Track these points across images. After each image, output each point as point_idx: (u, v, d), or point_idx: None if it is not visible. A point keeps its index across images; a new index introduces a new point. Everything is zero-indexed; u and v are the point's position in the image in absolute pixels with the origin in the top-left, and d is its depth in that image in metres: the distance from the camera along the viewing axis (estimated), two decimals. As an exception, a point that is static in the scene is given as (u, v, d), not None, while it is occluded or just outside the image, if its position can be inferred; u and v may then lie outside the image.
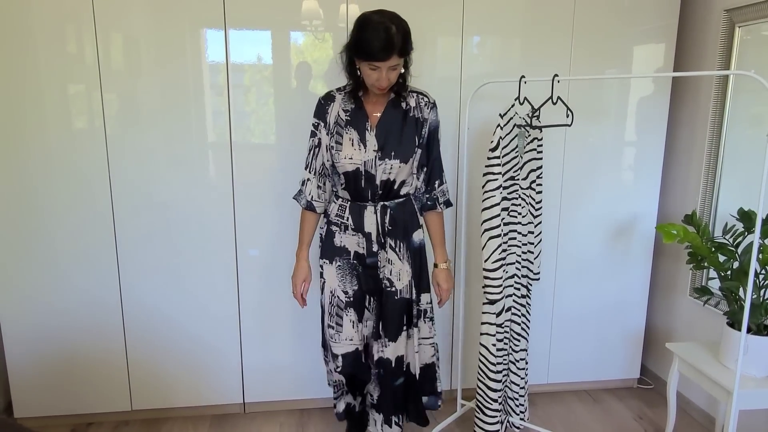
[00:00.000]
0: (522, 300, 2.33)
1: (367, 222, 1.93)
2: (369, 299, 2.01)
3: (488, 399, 2.27)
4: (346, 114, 1.88)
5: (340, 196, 1.96)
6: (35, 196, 2.30)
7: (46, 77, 2.21)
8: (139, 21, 2.22)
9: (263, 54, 2.32)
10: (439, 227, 2.07)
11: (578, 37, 2.49)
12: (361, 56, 1.75)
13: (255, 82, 2.34)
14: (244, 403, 2.62)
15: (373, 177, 1.88)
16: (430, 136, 1.95)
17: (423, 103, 1.93)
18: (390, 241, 1.95)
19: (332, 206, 1.99)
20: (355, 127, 1.87)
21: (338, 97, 1.91)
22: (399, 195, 1.95)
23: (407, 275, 1.97)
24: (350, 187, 1.92)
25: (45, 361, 2.43)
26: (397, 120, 1.89)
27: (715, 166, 2.47)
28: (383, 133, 1.87)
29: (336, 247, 1.98)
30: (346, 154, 1.87)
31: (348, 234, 1.95)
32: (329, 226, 1.99)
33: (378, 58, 1.72)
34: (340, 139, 1.88)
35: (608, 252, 2.72)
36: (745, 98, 2.34)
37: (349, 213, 1.94)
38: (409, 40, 1.78)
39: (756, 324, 2.02)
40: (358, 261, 1.98)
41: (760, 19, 2.22)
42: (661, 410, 2.70)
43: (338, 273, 1.99)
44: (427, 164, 1.98)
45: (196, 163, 2.36)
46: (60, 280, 2.37)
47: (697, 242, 2.09)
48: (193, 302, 2.47)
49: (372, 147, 1.86)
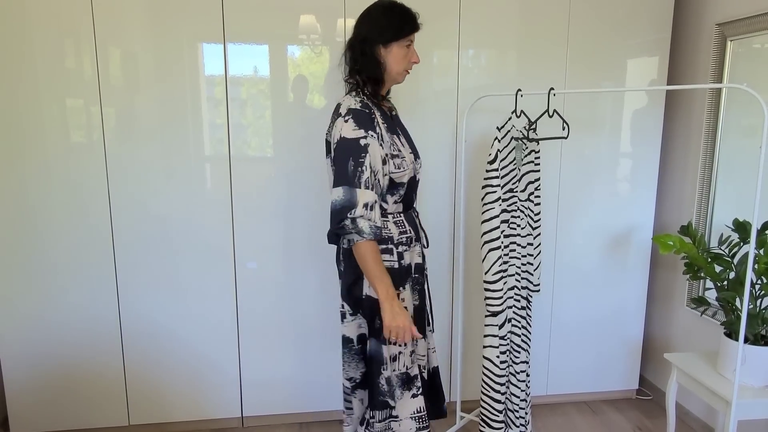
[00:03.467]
0: (522, 312, 2.34)
1: (418, 226, 1.91)
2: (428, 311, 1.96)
3: (494, 411, 2.27)
4: (383, 120, 1.74)
5: (392, 211, 1.79)
6: (33, 211, 2.29)
7: (45, 91, 2.22)
8: (138, 35, 2.24)
9: (261, 67, 2.34)
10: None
11: (573, 51, 2.52)
12: (403, 32, 1.72)
13: (252, 96, 2.36)
14: (243, 416, 2.61)
15: (417, 180, 1.87)
16: None
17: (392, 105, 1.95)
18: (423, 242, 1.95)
19: (389, 226, 1.76)
20: (393, 132, 1.77)
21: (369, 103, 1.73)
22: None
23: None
24: (407, 196, 1.82)
25: (42, 376, 2.42)
26: (398, 120, 1.92)
27: (709, 177, 2.50)
28: (404, 134, 1.86)
29: (407, 267, 1.79)
30: (409, 161, 1.78)
31: (412, 248, 1.83)
32: (397, 249, 1.75)
33: (416, 27, 1.75)
34: (395, 147, 1.74)
35: (605, 263, 2.73)
36: (738, 110, 2.37)
37: (409, 225, 1.82)
38: None
39: (753, 334, 2.03)
40: (420, 274, 1.88)
41: (751, 33, 2.26)
42: (661, 421, 2.70)
43: (413, 293, 1.85)
44: None
45: (194, 176, 2.37)
46: (57, 294, 2.36)
47: (693, 253, 2.10)
48: (191, 316, 2.47)
49: (409, 150, 1.82)
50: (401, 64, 1.76)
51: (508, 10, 2.44)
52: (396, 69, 1.76)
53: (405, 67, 1.78)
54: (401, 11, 1.75)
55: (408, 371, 1.82)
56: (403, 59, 1.76)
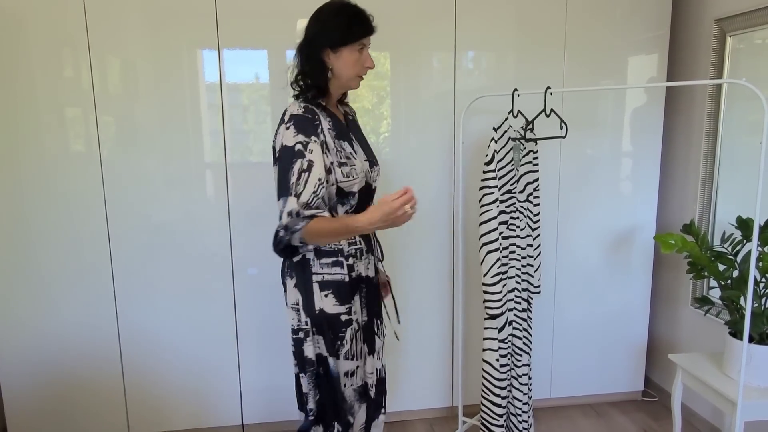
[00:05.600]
0: (523, 314, 2.31)
1: (372, 239, 1.78)
2: (376, 323, 1.79)
3: (494, 415, 2.24)
4: (331, 129, 1.63)
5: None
6: (29, 220, 2.28)
7: (43, 100, 2.21)
8: (134, 44, 2.23)
9: (260, 73, 2.33)
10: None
11: (571, 50, 2.49)
12: (354, 35, 1.59)
13: (251, 102, 2.35)
14: (243, 424, 2.58)
15: (371, 188, 1.73)
16: None
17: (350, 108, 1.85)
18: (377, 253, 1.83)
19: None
20: (344, 138, 1.65)
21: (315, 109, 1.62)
22: None
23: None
24: (360, 206, 1.67)
25: (41, 385, 2.40)
26: (355, 125, 1.81)
27: (711, 174, 2.46)
28: (359, 141, 1.73)
29: (356, 279, 1.69)
30: (359, 168, 1.64)
31: (362, 260, 1.71)
32: (347, 261, 1.65)
33: (369, 31, 1.61)
34: (343, 154, 1.62)
35: (608, 263, 2.70)
36: (739, 106, 2.34)
37: (360, 236, 1.69)
38: None
39: (759, 333, 2.00)
40: (368, 286, 1.74)
41: (750, 27, 2.23)
42: (667, 423, 2.66)
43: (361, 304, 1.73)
44: None
45: (191, 183, 2.35)
46: (55, 304, 2.35)
47: (695, 252, 2.07)
48: (189, 323, 2.45)
49: (362, 157, 1.69)
50: (353, 69, 1.62)
51: (505, 10, 2.43)
52: (347, 74, 1.63)
53: (357, 72, 1.64)
54: (352, 13, 1.60)
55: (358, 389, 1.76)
56: (354, 64, 1.62)
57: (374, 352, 1.78)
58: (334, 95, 1.70)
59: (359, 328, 1.71)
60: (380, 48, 2.32)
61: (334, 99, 1.71)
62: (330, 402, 1.71)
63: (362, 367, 1.75)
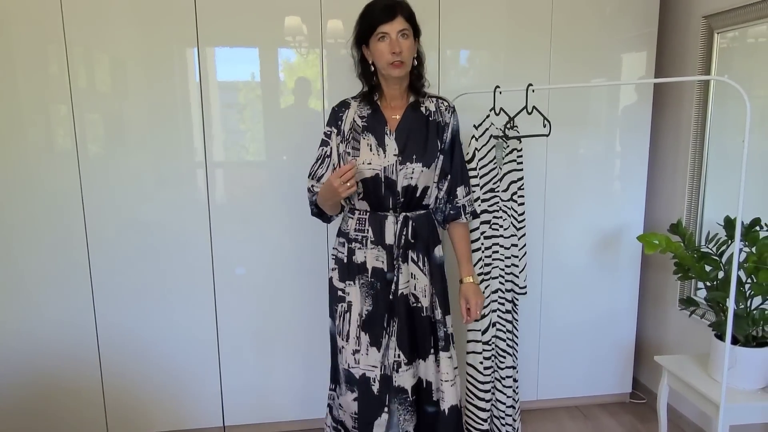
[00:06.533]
0: (507, 315, 2.27)
1: (388, 233, 1.80)
2: (388, 320, 1.82)
3: (478, 419, 2.21)
4: (362, 120, 1.80)
5: (358, 208, 1.84)
6: (7, 219, 2.25)
7: (23, 97, 2.17)
8: (118, 41, 2.20)
9: (248, 71, 2.31)
10: (465, 239, 1.94)
11: (558, 48, 2.46)
12: (367, 28, 1.72)
13: (248, 100, 2.32)
14: (224, 426, 2.55)
15: (394, 183, 1.77)
16: (452, 141, 1.86)
17: (443, 107, 1.87)
18: (412, 255, 1.83)
19: (350, 222, 1.85)
20: (372, 131, 1.79)
21: (353, 103, 1.84)
22: (421, 206, 1.84)
23: (430, 292, 1.86)
24: (369, 196, 1.80)
25: (19, 386, 2.37)
26: (417, 123, 1.82)
27: (699, 173, 2.43)
28: (404, 137, 1.79)
29: (357, 265, 1.82)
30: (364, 159, 1.76)
31: (368, 249, 1.81)
32: (349, 244, 1.84)
33: (383, 19, 1.68)
34: (357, 144, 1.78)
35: (595, 264, 2.67)
36: (727, 104, 2.30)
37: (369, 225, 1.81)
38: (414, 15, 1.76)
39: (744, 335, 1.96)
40: (376, 278, 1.82)
41: (738, 24, 2.19)
42: (654, 425, 2.62)
43: (362, 291, 1.83)
44: (450, 171, 1.86)
45: (170, 183, 2.32)
46: (33, 303, 2.32)
47: (680, 252, 2.04)
48: (169, 325, 2.41)
49: (392, 151, 1.77)
50: (382, 58, 1.72)
51: (491, 8, 2.39)
52: (380, 65, 1.75)
53: (387, 60, 1.71)
54: (369, 8, 1.74)
55: (350, 370, 1.83)
56: (382, 54, 1.71)
57: (380, 346, 1.82)
58: (391, 88, 1.81)
59: (348, 310, 1.82)
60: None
61: (393, 91, 1.82)
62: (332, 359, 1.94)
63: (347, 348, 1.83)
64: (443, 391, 1.88)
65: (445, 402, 1.88)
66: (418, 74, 1.82)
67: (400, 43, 1.69)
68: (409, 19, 1.72)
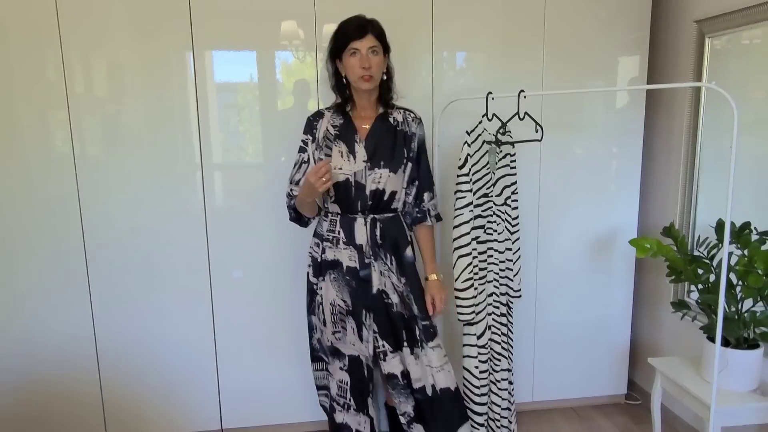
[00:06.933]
0: (501, 318, 2.29)
1: (358, 234, 1.95)
2: (365, 314, 1.98)
3: (474, 423, 2.23)
4: (335, 129, 1.96)
5: (331, 211, 2.00)
6: (5, 226, 2.27)
7: (23, 103, 2.20)
8: (115, 45, 2.22)
9: (245, 74, 2.34)
10: (429, 241, 2.08)
11: (552, 51, 2.48)
12: (340, 44, 1.87)
13: (245, 102, 2.35)
14: (222, 429, 2.57)
15: (363, 187, 1.92)
16: (419, 150, 2.01)
17: (410, 118, 2.02)
18: (381, 255, 1.97)
19: (323, 223, 2.01)
20: (343, 140, 1.94)
21: (327, 113, 2.00)
22: (389, 209, 1.98)
23: (399, 289, 1.99)
24: (340, 199, 1.95)
25: (18, 393, 2.39)
26: (386, 132, 1.97)
27: (691, 177, 2.45)
28: (372, 145, 1.94)
29: (329, 262, 1.98)
30: (335, 164, 1.92)
31: (340, 248, 1.96)
32: (322, 244, 2.00)
33: (355, 36, 1.84)
34: (329, 151, 1.94)
35: (589, 266, 2.69)
36: (720, 107, 2.32)
37: (340, 226, 1.96)
38: (384, 34, 1.91)
39: (735, 338, 1.98)
40: (350, 276, 1.97)
41: (729, 29, 2.21)
42: (649, 426, 2.63)
43: (334, 285, 1.98)
44: (418, 177, 2.02)
45: (166, 188, 2.34)
46: (31, 309, 2.34)
47: (671, 255, 2.06)
48: (166, 328, 2.43)
49: (362, 157, 1.92)
50: (354, 72, 1.87)
51: (485, 14, 2.41)
52: (352, 78, 1.89)
53: (357, 74, 1.86)
54: (343, 24, 1.89)
55: (335, 345, 2.03)
56: (353, 68, 1.86)
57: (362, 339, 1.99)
58: (362, 99, 1.96)
59: (322, 302, 2.01)
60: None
61: (364, 103, 1.97)
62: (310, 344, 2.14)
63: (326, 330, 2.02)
64: (435, 378, 2.01)
65: (437, 386, 2.02)
66: (387, 87, 1.98)
67: (370, 59, 1.85)
68: (379, 37, 1.88)
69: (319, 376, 2.20)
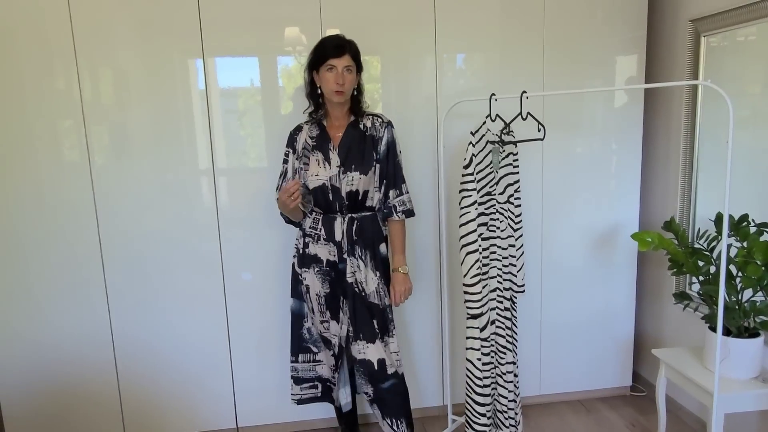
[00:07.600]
0: (505, 313, 2.35)
1: (337, 232, 2.16)
2: (342, 301, 2.20)
3: (476, 414, 2.28)
4: (312, 140, 2.17)
5: (315, 210, 2.20)
6: (23, 232, 2.34)
7: (34, 111, 2.26)
8: (122, 54, 2.29)
9: (250, 80, 2.40)
10: (397, 234, 2.23)
11: (551, 52, 2.54)
12: (319, 59, 2.05)
13: (249, 108, 2.41)
14: (238, 427, 2.63)
15: (338, 189, 2.12)
16: (386, 151, 2.17)
17: (378, 123, 2.18)
18: (357, 249, 2.16)
19: (307, 220, 2.21)
20: (320, 149, 2.15)
21: (305, 127, 2.21)
22: (365, 208, 2.18)
23: (374, 282, 2.18)
24: (320, 201, 2.16)
25: (38, 395, 2.45)
26: (356, 139, 2.15)
27: (690, 172, 2.51)
28: (344, 151, 2.13)
29: (311, 256, 2.20)
30: (312, 172, 2.14)
31: (321, 244, 2.18)
32: (305, 238, 2.21)
33: (333, 54, 2.02)
34: (308, 161, 2.16)
35: (593, 261, 2.74)
36: (717, 103, 2.38)
37: (322, 225, 2.17)
38: (360, 54, 2.10)
39: (736, 327, 2.04)
40: (330, 268, 2.19)
41: (723, 28, 2.27)
42: (654, 417, 2.69)
43: (318, 277, 2.20)
44: (385, 177, 2.18)
45: (180, 191, 2.40)
46: (49, 314, 2.40)
47: (672, 249, 2.11)
48: (181, 329, 2.50)
49: (335, 163, 2.12)
50: (328, 85, 2.05)
51: (484, 15, 2.47)
52: (326, 90, 2.08)
53: (332, 88, 2.05)
54: (323, 41, 2.09)
55: (324, 335, 2.26)
56: (329, 81, 2.05)
57: (338, 321, 2.22)
58: (334, 110, 2.15)
59: (308, 291, 2.21)
60: (371, 52, 2.41)
61: (336, 112, 2.15)
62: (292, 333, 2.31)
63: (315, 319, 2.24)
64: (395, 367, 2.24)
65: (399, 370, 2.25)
66: (357, 100, 2.17)
67: (344, 76, 2.04)
68: (355, 58, 2.07)
69: (305, 368, 2.32)
